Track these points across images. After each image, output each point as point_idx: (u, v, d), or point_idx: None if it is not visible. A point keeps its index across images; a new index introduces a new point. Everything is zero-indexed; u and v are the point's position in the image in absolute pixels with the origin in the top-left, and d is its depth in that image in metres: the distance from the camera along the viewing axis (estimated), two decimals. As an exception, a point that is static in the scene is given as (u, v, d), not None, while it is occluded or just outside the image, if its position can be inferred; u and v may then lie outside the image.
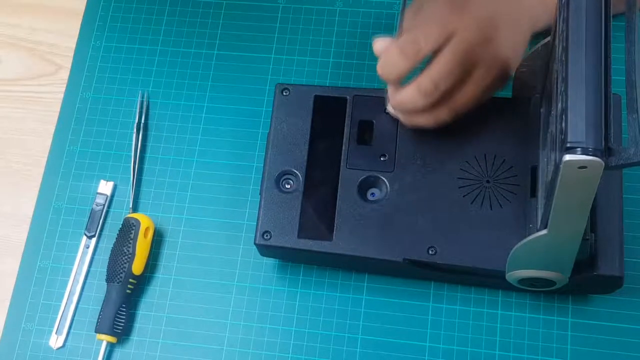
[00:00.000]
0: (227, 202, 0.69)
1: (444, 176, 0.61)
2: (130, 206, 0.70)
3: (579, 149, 0.41)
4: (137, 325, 0.66)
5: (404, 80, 0.57)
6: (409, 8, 0.58)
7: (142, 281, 0.67)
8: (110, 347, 0.66)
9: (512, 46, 0.59)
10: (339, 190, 0.62)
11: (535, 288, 0.59)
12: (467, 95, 0.58)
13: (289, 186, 0.63)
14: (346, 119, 0.64)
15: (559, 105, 0.44)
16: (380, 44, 0.58)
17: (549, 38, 0.55)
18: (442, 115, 0.59)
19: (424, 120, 0.60)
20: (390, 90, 0.59)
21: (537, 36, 0.61)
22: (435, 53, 0.56)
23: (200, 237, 0.69)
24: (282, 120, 0.64)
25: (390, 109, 0.62)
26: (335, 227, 0.60)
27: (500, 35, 0.57)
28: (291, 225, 0.61)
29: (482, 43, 0.56)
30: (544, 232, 0.49)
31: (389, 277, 0.65)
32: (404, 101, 0.58)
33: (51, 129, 0.74)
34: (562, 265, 0.55)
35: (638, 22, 0.45)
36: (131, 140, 0.72)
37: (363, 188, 0.62)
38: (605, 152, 0.42)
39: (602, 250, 0.56)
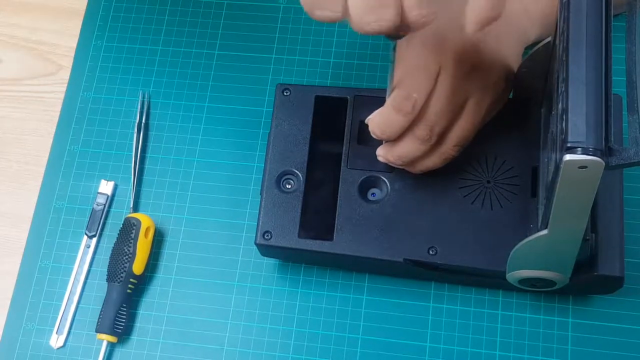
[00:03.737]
0: (227, 202, 0.69)
1: (445, 176, 0.60)
2: (131, 206, 0.70)
3: (579, 148, 0.41)
4: (138, 325, 0.66)
5: None
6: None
7: (143, 281, 0.67)
8: (111, 347, 0.66)
9: (503, 65, 0.57)
10: (339, 190, 0.62)
11: (535, 288, 0.59)
12: (467, 126, 0.57)
13: (289, 186, 0.63)
14: (347, 119, 0.63)
15: (560, 105, 0.44)
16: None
17: (549, 38, 0.55)
18: (448, 152, 0.58)
19: (432, 163, 0.58)
20: (385, 147, 0.58)
21: (531, 46, 0.60)
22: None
23: (200, 237, 0.69)
24: (283, 120, 0.64)
25: (386, 158, 0.59)
26: (335, 227, 0.60)
27: (487, 57, 0.56)
28: (292, 225, 0.61)
29: (468, 72, 0.55)
30: (544, 232, 0.49)
31: (390, 277, 0.65)
32: (405, 154, 0.57)
33: (52, 128, 0.74)
34: (563, 265, 0.55)
35: (638, 22, 0.45)
36: (132, 140, 0.72)
37: (363, 188, 0.62)
38: (605, 152, 0.42)
39: (602, 251, 0.56)
